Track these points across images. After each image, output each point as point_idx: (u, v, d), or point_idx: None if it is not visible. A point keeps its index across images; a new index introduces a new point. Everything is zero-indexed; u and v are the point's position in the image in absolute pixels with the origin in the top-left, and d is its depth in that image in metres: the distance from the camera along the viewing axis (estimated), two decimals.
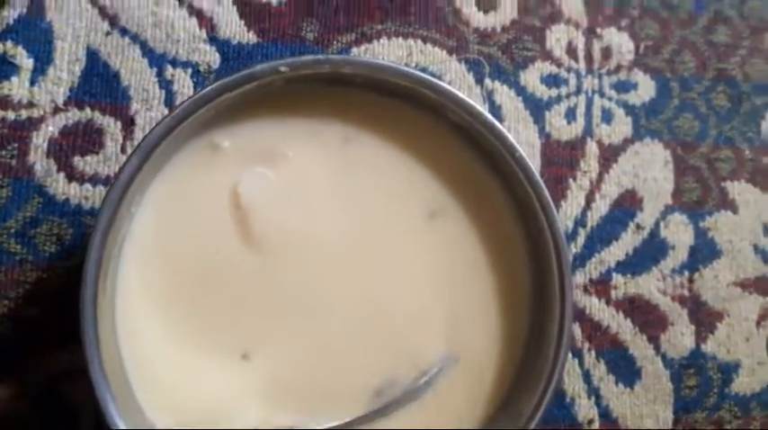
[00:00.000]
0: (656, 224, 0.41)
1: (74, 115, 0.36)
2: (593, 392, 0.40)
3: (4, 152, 0.35)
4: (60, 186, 0.36)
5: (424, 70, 0.36)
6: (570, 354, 0.40)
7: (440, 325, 0.33)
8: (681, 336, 0.41)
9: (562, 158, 0.41)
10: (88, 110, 0.36)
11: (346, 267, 0.32)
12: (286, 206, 0.31)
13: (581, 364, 0.40)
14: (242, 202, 0.31)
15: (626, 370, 0.40)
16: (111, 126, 0.36)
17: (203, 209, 0.31)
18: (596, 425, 0.40)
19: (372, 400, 0.32)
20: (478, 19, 0.40)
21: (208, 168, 0.30)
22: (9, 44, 0.35)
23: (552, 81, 0.41)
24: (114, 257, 0.29)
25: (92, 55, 0.36)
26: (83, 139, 0.36)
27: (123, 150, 0.36)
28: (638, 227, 0.41)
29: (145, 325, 0.30)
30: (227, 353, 0.31)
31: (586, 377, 0.40)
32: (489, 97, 0.40)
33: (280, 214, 0.31)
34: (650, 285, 0.41)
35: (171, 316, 0.31)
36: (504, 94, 0.40)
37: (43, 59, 0.36)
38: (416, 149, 0.33)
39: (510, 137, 0.31)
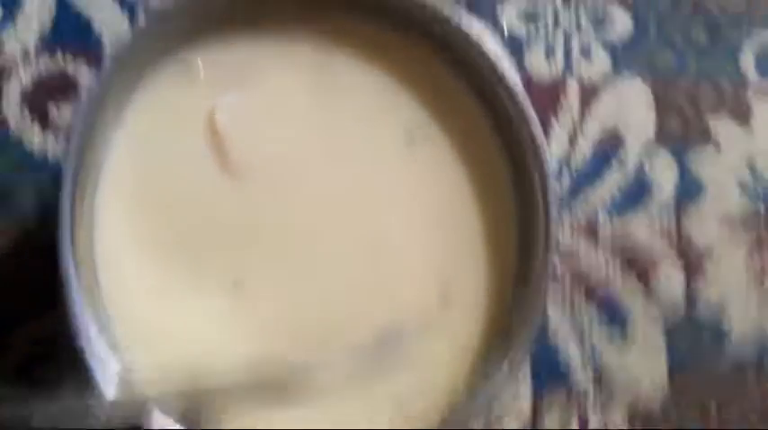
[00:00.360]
0: (640, 162, 0.41)
1: (45, 63, 0.35)
2: (582, 341, 0.39)
3: None
4: (36, 138, 0.35)
5: None
6: (560, 298, 0.39)
7: (428, 255, 0.32)
8: (669, 276, 0.41)
9: (543, 98, 0.40)
10: (60, 58, 0.35)
11: (328, 193, 0.31)
12: (263, 131, 0.31)
13: (571, 309, 0.39)
14: (218, 128, 0.30)
15: (616, 312, 0.40)
16: (85, 74, 0.35)
17: (178, 137, 0.30)
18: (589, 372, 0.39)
19: (368, 335, 0.31)
20: None
21: (181, 94, 0.30)
22: None
23: (531, 18, 0.41)
24: (90, 190, 0.29)
25: (62, 1, 0.36)
26: (56, 88, 0.35)
27: None
28: (622, 165, 0.41)
29: (125, 257, 0.30)
30: (216, 283, 0.30)
31: (576, 322, 0.39)
32: None
33: (257, 140, 0.31)
34: (637, 224, 0.41)
35: (153, 248, 0.30)
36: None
37: (12, 7, 0.35)
38: (395, 72, 0.32)
39: (492, 54, 0.30)
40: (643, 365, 0.39)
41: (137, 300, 0.30)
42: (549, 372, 0.38)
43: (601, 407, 0.39)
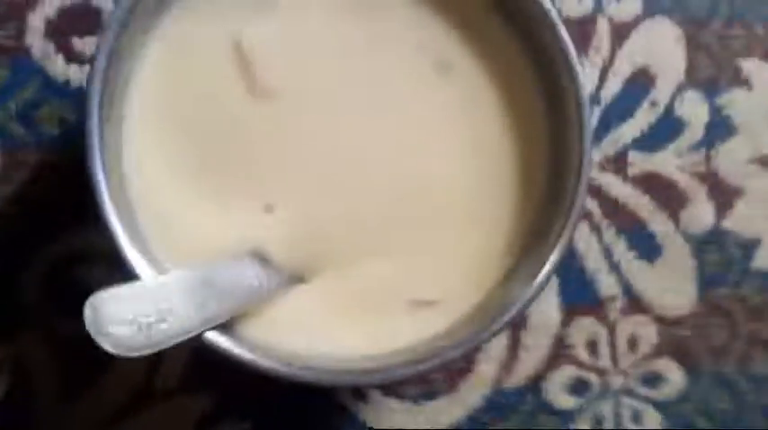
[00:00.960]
0: (671, 101, 0.41)
1: None
2: (615, 268, 0.39)
3: (1, 32, 0.34)
4: (59, 67, 0.35)
5: None
6: (588, 231, 0.39)
7: (455, 186, 0.32)
8: (700, 213, 0.40)
9: (573, 36, 0.40)
10: None
11: (358, 118, 0.31)
12: (291, 53, 0.31)
13: (600, 241, 0.39)
14: (245, 50, 0.30)
15: (646, 246, 0.39)
16: (110, 5, 0.35)
17: (205, 60, 0.30)
18: (619, 301, 0.39)
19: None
20: None
21: (205, 19, 0.30)
22: None
23: None
24: (116, 109, 0.28)
25: None
26: (80, 20, 0.35)
27: None
28: (653, 104, 0.40)
29: (156, 181, 0.29)
30: (248, 204, 0.30)
31: (607, 253, 0.39)
32: None
33: (285, 63, 0.31)
34: (667, 162, 0.40)
35: (183, 171, 0.30)
36: None
37: None
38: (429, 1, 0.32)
39: None
40: (672, 283, 0.39)
41: (167, 216, 0.29)
42: (577, 289, 0.39)
43: (630, 314, 0.38)
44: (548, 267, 0.30)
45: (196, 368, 0.34)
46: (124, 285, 0.24)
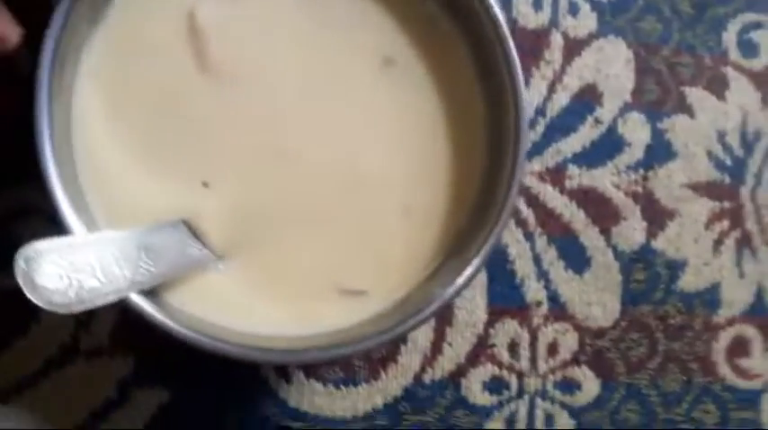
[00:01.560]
0: (615, 120, 0.42)
1: None
2: (543, 275, 0.40)
3: None
4: None
5: None
6: (522, 237, 0.40)
7: (390, 180, 0.33)
8: (632, 231, 0.42)
9: (526, 47, 0.41)
10: None
11: (302, 105, 0.32)
12: (243, 35, 0.31)
13: (532, 248, 0.40)
14: (198, 27, 0.31)
15: (576, 257, 0.41)
16: None
17: (158, 34, 0.31)
18: (544, 307, 0.40)
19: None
20: None
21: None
22: None
23: None
24: (68, 80, 0.29)
25: None
26: None
27: None
28: (597, 121, 0.42)
29: (101, 146, 0.30)
30: (187, 178, 0.30)
31: (537, 260, 0.40)
32: None
33: (237, 43, 0.31)
34: (605, 179, 0.42)
35: (129, 141, 0.30)
36: None
37: None
38: None
39: None
40: (597, 296, 0.40)
41: (108, 181, 0.30)
42: (505, 292, 0.40)
43: (552, 321, 0.40)
44: (470, 270, 0.30)
45: (124, 331, 0.35)
46: (58, 238, 0.25)
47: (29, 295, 0.23)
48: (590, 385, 0.41)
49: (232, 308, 0.30)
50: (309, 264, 0.32)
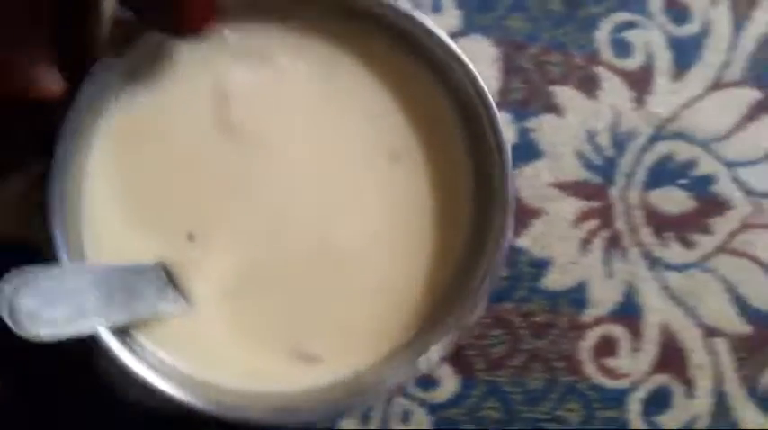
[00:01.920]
0: None
1: None
2: None
3: None
4: None
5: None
6: None
7: (370, 262, 0.35)
8: None
9: None
10: None
11: (301, 177, 0.34)
12: (266, 106, 0.34)
13: None
14: (227, 90, 0.33)
15: None
16: None
17: (185, 89, 0.33)
18: None
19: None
20: None
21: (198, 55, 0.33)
22: None
23: None
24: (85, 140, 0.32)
25: None
26: None
27: None
28: None
29: (104, 191, 0.33)
30: (174, 229, 0.33)
31: None
32: None
33: (259, 111, 0.34)
34: None
35: (131, 188, 0.33)
36: None
37: None
38: (394, 89, 0.35)
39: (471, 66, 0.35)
40: None
41: (99, 221, 0.32)
42: None
43: None
44: (428, 359, 0.33)
45: None
46: (35, 266, 0.26)
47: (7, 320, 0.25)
48: (449, 381, 0.41)
49: (194, 353, 0.33)
50: (272, 323, 0.34)
